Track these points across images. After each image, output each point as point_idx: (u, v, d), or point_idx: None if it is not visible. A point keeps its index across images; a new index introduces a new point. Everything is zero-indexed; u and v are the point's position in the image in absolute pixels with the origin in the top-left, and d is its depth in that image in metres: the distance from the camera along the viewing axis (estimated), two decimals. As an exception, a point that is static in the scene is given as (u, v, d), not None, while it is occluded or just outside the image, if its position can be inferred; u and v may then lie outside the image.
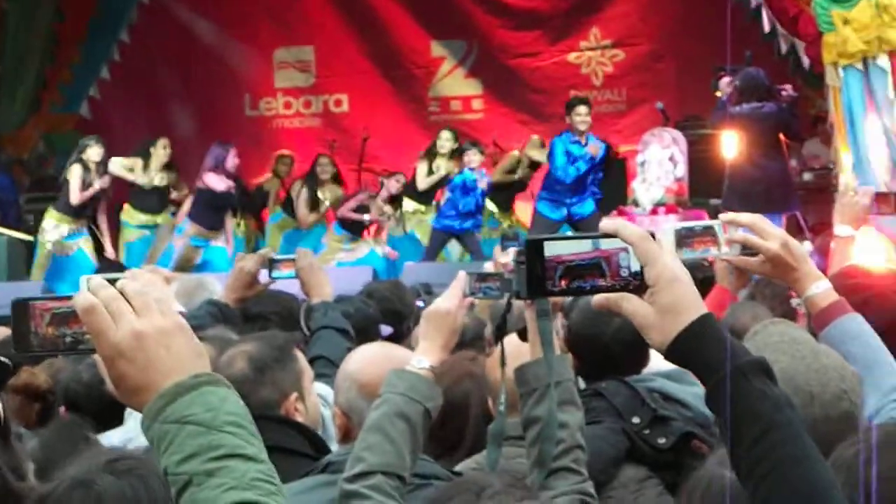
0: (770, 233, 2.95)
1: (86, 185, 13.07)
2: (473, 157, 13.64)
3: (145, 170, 13.61)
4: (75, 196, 13.03)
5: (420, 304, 6.71)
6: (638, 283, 1.84)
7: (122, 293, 1.74)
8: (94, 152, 13.18)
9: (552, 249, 1.86)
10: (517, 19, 17.14)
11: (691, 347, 1.81)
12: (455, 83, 17.49)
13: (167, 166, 13.73)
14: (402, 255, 14.09)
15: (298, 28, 17.52)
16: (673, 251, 1.82)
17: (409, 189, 14.47)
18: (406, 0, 17.28)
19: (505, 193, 14.83)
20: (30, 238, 13.87)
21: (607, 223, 1.86)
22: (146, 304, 1.74)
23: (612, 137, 16.43)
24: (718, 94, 12.53)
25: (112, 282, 4.59)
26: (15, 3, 16.80)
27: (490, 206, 14.67)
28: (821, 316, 2.91)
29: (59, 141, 15.45)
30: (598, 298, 1.87)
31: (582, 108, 12.74)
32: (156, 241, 14.00)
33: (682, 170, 13.34)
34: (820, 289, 2.91)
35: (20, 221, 14.80)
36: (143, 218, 13.94)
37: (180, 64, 17.44)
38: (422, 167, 14.33)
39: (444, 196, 14.06)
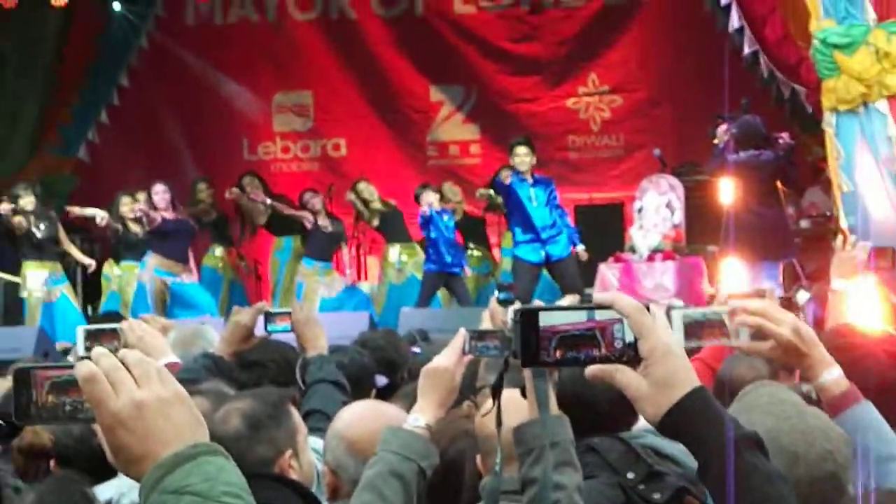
0: (780, 319, 2.90)
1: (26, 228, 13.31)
2: (431, 198, 13.75)
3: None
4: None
5: (416, 350, 6.71)
6: (632, 355, 1.85)
7: (122, 362, 1.74)
8: (27, 201, 13.40)
9: (547, 319, 1.87)
10: (516, 65, 17.22)
11: (684, 421, 1.82)
12: (453, 128, 17.54)
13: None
14: (403, 301, 14.11)
15: (297, 72, 17.58)
16: (669, 327, 1.82)
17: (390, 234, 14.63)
18: (405, 45, 17.36)
19: (478, 230, 14.95)
20: (19, 280, 13.89)
21: (602, 295, 1.87)
22: (147, 373, 1.74)
23: (610, 183, 16.52)
24: (716, 141, 12.56)
25: (110, 333, 4.55)
26: (15, 44, 16.87)
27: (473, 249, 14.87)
28: (833, 404, 2.86)
29: (58, 184, 15.47)
30: (591, 369, 1.88)
31: (521, 149, 12.76)
32: (123, 285, 14.18)
33: (679, 216, 13.36)
34: (832, 375, 2.85)
35: (17, 265, 14.82)
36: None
37: (179, 108, 17.51)
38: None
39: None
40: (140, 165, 16.00)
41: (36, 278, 13.55)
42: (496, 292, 6.48)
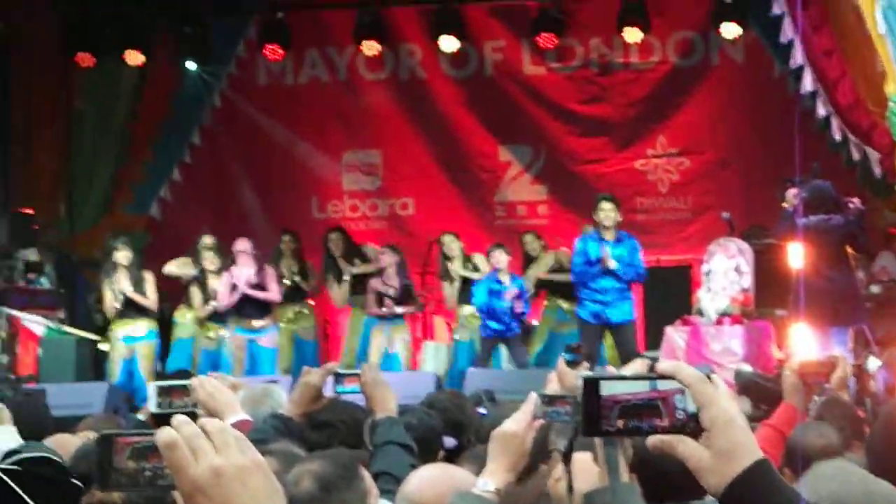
0: None
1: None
2: (500, 258, 13.75)
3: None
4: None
5: (482, 411, 6.70)
6: (694, 426, 1.85)
7: (203, 430, 1.77)
8: (122, 255, 13.74)
9: (609, 389, 1.87)
10: (584, 126, 17.25)
11: (747, 494, 1.82)
12: (521, 188, 17.56)
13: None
14: (463, 361, 14.12)
15: (367, 132, 17.70)
16: (731, 397, 1.83)
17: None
18: (475, 105, 17.44)
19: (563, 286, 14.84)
20: (97, 339, 14.05)
21: (664, 365, 1.88)
22: (226, 441, 1.77)
23: (677, 245, 16.45)
24: (785, 204, 12.50)
25: (181, 390, 4.58)
26: (90, 103, 17.16)
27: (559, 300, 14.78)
28: None
29: (131, 241, 15.62)
30: (652, 440, 1.88)
31: (606, 205, 12.84)
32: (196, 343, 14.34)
33: (747, 280, 13.28)
34: None
35: (88, 322, 15.00)
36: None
37: (250, 165, 17.69)
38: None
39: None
40: (211, 222, 16.13)
41: (119, 334, 13.78)
42: (563, 353, 6.46)
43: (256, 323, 14.06)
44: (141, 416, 5.36)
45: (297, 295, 15.11)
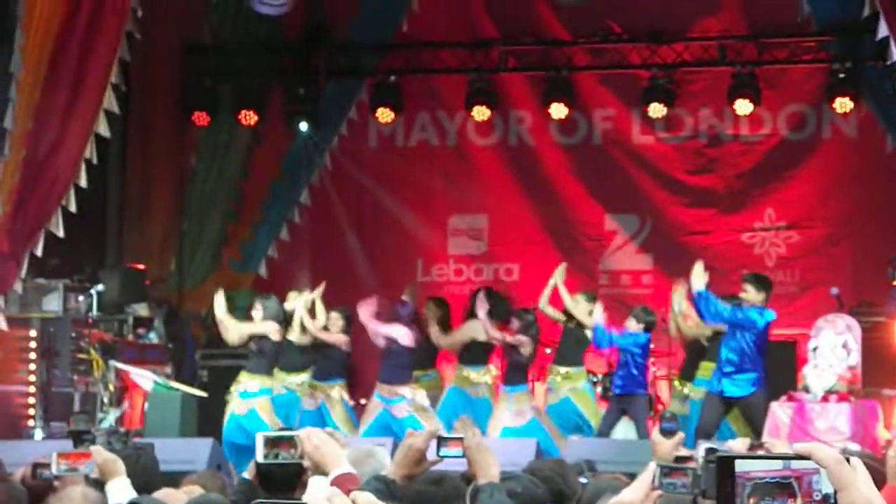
0: None
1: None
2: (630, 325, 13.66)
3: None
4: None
5: (583, 481, 6.67)
6: None
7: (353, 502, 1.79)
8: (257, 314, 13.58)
9: (742, 466, 1.86)
10: (692, 197, 17.18)
11: None
12: (626, 257, 17.50)
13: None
14: (557, 423, 13.95)
15: (474, 196, 17.79)
16: (870, 480, 1.81)
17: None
18: (582, 173, 17.46)
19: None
20: (203, 394, 14.14)
21: (801, 445, 1.86)
22: None
23: (784, 320, 16.25)
24: (895, 282, 12.34)
25: (288, 441, 4.56)
26: (204, 161, 17.49)
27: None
28: None
29: (237, 299, 15.80)
30: None
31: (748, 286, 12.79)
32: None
33: (855, 358, 13.09)
34: None
35: (195, 377, 15.17)
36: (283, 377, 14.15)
37: (357, 227, 17.84)
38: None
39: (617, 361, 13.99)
40: (316, 283, 16.25)
41: (238, 388, 13.65)
42: (661, 423, 6.43)
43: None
44: (246, 475, 5.41)
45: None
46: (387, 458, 5.51)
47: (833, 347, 13.07)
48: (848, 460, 1.84)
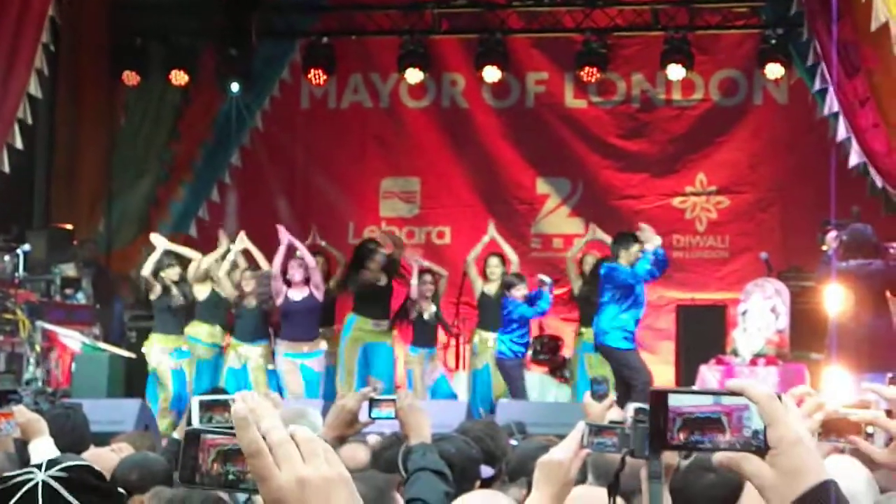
0: None
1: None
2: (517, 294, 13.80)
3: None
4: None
5: (513, 443, 6.68)
6: (760, 444, 1.83)
7: (292, 437, 1.75)
8: (173, 273, 13.81)
9: (674, 401, 1.86)
10: (624, 161, 17.23)
11: None
12: (558, 221, 17.54)
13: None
14: (481, 389, 14.03)
15: (406, 159, 17.73)
16: (800, 417, 1.81)
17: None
18: (515, 136, 17.46)
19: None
20: (131, 355, 14.05)
21: (734, 382, 1.85)
22: (314, 451, 1.74)
23: (714, 284, 16.40)
24: (824, 248, 12.45)
25: (223, 405, 4.55)
26: (134, 121, 17.30)
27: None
28: None
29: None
30: (718, 456, 1.86)
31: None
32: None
33: (783, 321, 13.22)
34: None
35: (122, 338, 15.05)
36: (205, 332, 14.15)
37: (288, 189, 17.74)
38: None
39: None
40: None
41: (161, 352, 13.77)
42: (590, 387, 6.44)
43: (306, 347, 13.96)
44: (176, 435, 5.36)
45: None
46: (319, 419, 5.49)
47: (762, 311, 13.18)
48: (779, 397, 1.83)
